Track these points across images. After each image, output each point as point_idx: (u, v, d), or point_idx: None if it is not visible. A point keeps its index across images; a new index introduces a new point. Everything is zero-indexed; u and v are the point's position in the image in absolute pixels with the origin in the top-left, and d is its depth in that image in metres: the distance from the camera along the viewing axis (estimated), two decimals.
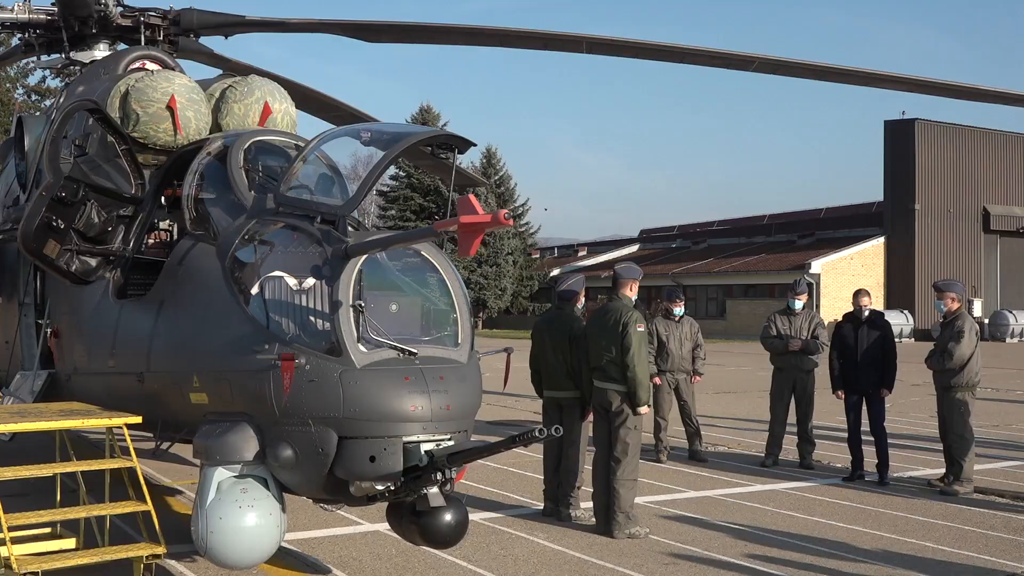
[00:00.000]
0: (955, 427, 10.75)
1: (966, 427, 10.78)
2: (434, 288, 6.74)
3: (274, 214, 6.92)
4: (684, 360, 12.59)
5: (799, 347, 12.09)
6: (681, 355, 12.55)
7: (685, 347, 12.59)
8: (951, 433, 10.78)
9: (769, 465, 12.09)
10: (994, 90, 10.60)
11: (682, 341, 12.57)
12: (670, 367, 12.46)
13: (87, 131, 8.67)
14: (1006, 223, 58.02)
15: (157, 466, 10.96)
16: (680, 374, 12.59)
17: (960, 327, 10.73)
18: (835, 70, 10.44)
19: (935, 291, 11.20)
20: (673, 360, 12.48)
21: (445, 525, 6.17)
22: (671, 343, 12.47)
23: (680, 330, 12.61)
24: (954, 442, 10.74)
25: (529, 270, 66.27)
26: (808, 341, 12.10)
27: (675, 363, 12.51)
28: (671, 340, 12.48)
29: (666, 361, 12.40)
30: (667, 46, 10.31)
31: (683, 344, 12.57)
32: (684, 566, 7.76)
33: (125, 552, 6.67)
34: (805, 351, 12.12)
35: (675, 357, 12.49)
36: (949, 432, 10.81)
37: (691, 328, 12.76)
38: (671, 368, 12.48)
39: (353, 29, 10.82)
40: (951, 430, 10.78)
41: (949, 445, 10.81)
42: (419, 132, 6.95)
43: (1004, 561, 8.00)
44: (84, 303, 8.26)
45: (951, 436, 10.78)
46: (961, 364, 10.66)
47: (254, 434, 6.40)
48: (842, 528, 9.08)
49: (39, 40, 11.29)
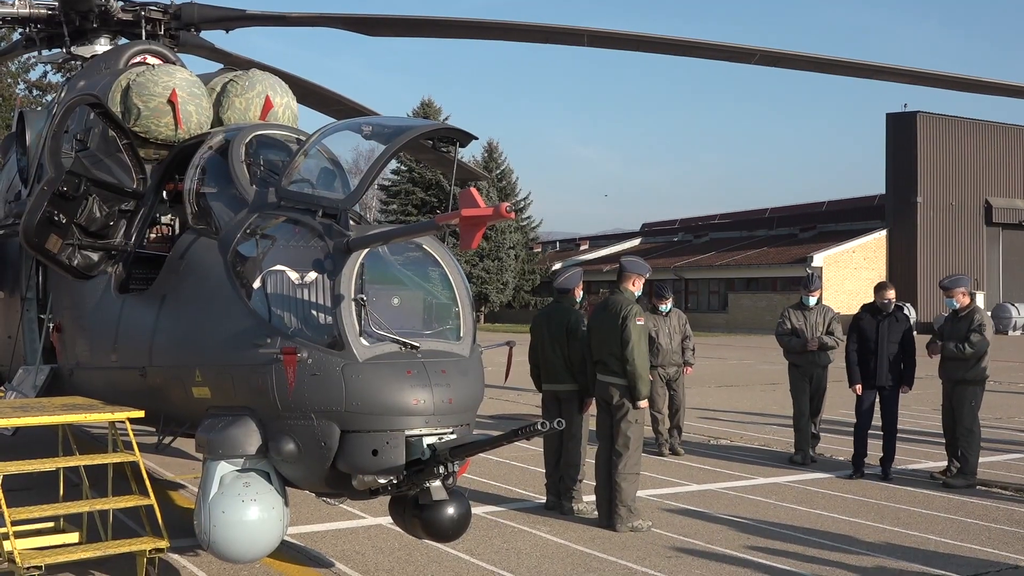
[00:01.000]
0: (964, 420, 10.72)
1: (975, 421, 10.76)
2: (436, 282, 6.73)
3: (276, 208, 6.92)
4: (674, 353, 12.65)
5: (816, 347, 12.07)
6: (671, 348, 12.61)
7: (675, 340, 12.65)
8: (959, 426, 10.73)
9: (799, 461, 11.95)
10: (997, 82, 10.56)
11: (671, 335, 12.63)
12: (661, 361, 12.46)
13: (88, 126, 8.66)
14: (1008, 216, 57.98)
15: (160, 460, 10.97)
16: (671, 367, 12.65)
17: (981, 320, 10.70)
18: (837, 63, 10.41)
19: (943, 290, 11.12)
20: (664, 354, 12.52)
21: (448, 519, 6.16)
22: (661, 337, 12.51)
23: (669, 324, 12.66)
24: (962, 435, 10.69)
25: (531, 264, 66.25)
26: (824, 339, 12.08)
27: (666, 357, 12.56)
28: (660, 335, 12.52)
29: (657, 356, 12.38)
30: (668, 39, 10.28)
31: (672, 337, 12.63)
32: (686, 559, 7.76)
33: (128, 546, 6.68)
34: (822, 349, 12.12)
35: (666, 351, 12.54)
36: (957, 425, 10.76)
37: (679, 321, 12.83)
38: (662, 363, 12.50)
39: (354, 23, 10.80)
40: (960, 423, 10.74)
41: (956, 438, 10.77)
42: (420, 126, 6.94)
43: (1007, 554, 8.00)
44: (86, 298, 8.26)
45: (959, 429, 10.73)
46: (979, 357, 10.63)
47: (256, 428, 6.40)
48: (844, 521, 9.08)
49: (40, 35, 11.26)
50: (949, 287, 10.99)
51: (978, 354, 10.65)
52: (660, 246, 68.63)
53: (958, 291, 10.90)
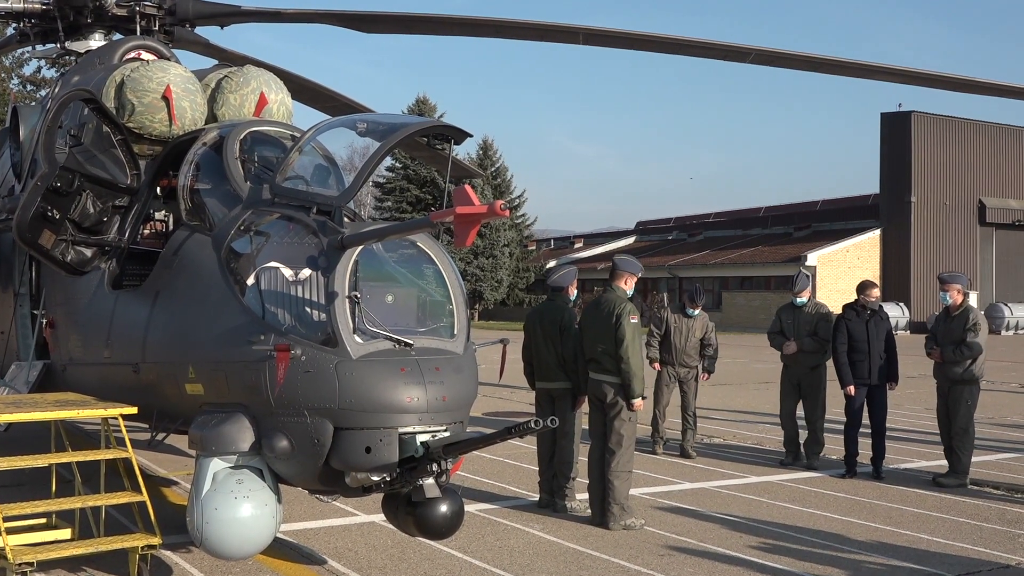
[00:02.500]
0: (960, 420, 10.70)
1: (970, 421, 10.75)
2: (430, 279, 6.73)
3: (270, 205, 6.91)
4: (687, 356, 12.40)
5: (792, 351, 11.84)
6: (685, 350, 12.38)
7: (691, 342, 12.39)
8: (955, 426, 10.72)
9: (789, 462, 11.87)
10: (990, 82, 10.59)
11: (688, 336, 12.38)
12: (673, 360, 12.35)
13: (82, 121, 8.64)
14: (1002, 216, 58.08)
15: (153, 457, 10.96)
16: (682, 368, 12.45)
17: (976, 320, 10.68)
18: (831, 62, 10.43)
19: (940, 283, 11.09)
20: (677, 354, 12.35)
21: (441, 516, 6.16)
22: (676, 337, 12.33)
23: (690, 326, 12.40)
24: (956, 435, 10.68)
25: (525, 262, 66.30)
26: (803, 340, 11.80)
27: (678, 357, 12.39)
28: (678, 334, 12.33)
29: (670, 353, 12.31)
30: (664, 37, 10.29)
31: (689, 339, 12.38)
32: (679, 557, 7.77)
33: (121, 543, 6.67)
34: (801, 350, 11.85)
35: (679, 351, 12.35)
36: (953, 425, 10.74)
37: (703, 326, 12.53)
38: (674, 361, 12.37)
39: (349, 19, 10.79)
40: (955, 422, 10.72)
41: (951, 435, 10.75)
42: (415, 123, 6.93)
43: (998, 553, 8.02)
44: (79, 293, 8.25)
45: (955, 429, 10.71)
46: (975, 357, 10.63)
47: (250, 425, 6.40)
48: (837, 520, 9.10)
49: (34, 30, 11.23)
50: (947, 281, 10.93)
51: (976, 354, 10.65)
52: (655, 244, 68.65)
53: (953, 287, 10.86)
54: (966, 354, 10.61)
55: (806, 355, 11.91)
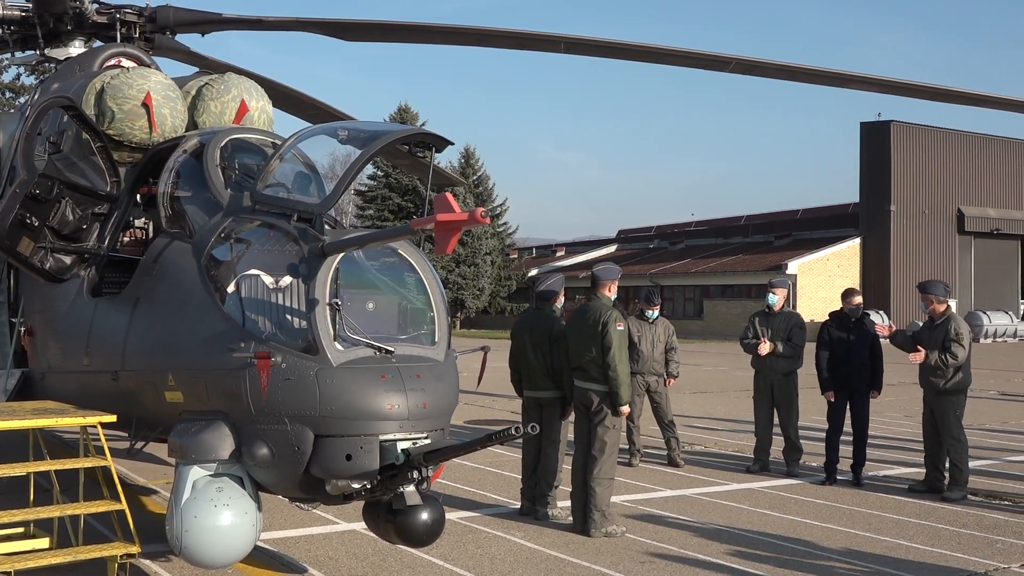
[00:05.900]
0: (951, 431, 10.60)
1: (961, 430, 10.69)
2: (411, 287, 6.74)
3: (250, 212, 6.90)
4: (656, 362, 12.35)
5: (765, 351, 11.77)
6: (653, 357, 12.32)
7: (657, 348, 12.35)
8: (947, 437, 10.62)
9: (756, 471, 11.85)
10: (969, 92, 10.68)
11: (654, 343, 12.34)
12: (640, 368, 12.17)
13: (62, 128, 8.62)
14: (980, 224, 58.53)
15: (132, 465, 10.89)
16: (651, 376, 12.38)
17: (958, 329, 10.61)
18: (810, 71, 10.50)
19: (919, 291, 11.11)
20: (644, 361, 12.25)
21: (422, 524, 6.16)
22: (643, 344, 12.22)
23: (653, 331, 12.38)
24: (951, 446, 10.59)
25: (507, 270, 66.34)
26: (777, 345, 11.76)
27: (646, 364, 12.28)
28: (643, 341, 12.23)
29: (637, 362, 12.18)
30: (644, 46, 10.35)
31: (655, 346, 12.34)
32: (660, 564, 7.79)
33: (99, 551, 6.64)
34: (773, 354, 11.80)
35: (646, 358, 12.26)
36: (945, 436, 10.63)
37: (665, 330, 12.52)
38: (642, 370, 12.23)
39: (330, 27, 10.79)
40: (947, 434, 10.62)
41: (942, 449, 10.71)
42: (396, 131, 6.94)
43: (976, 559, 8.07)
44: (58, 301, 8.21)
45: (947, 440, 10.61)
46: (958, 367, 10.63)
47: (230, 433, 6.38)
48: (817, 527, 9.13)
49: (13, 37, 11.20)
50: (921, 291, 10.98)
51: (961, 363, 10.68)
52: (636, 252, 68.85)
53: (927, 296, 10.87)
54: (949, 362, 10.62)
55: (779, 361, 11.82)
